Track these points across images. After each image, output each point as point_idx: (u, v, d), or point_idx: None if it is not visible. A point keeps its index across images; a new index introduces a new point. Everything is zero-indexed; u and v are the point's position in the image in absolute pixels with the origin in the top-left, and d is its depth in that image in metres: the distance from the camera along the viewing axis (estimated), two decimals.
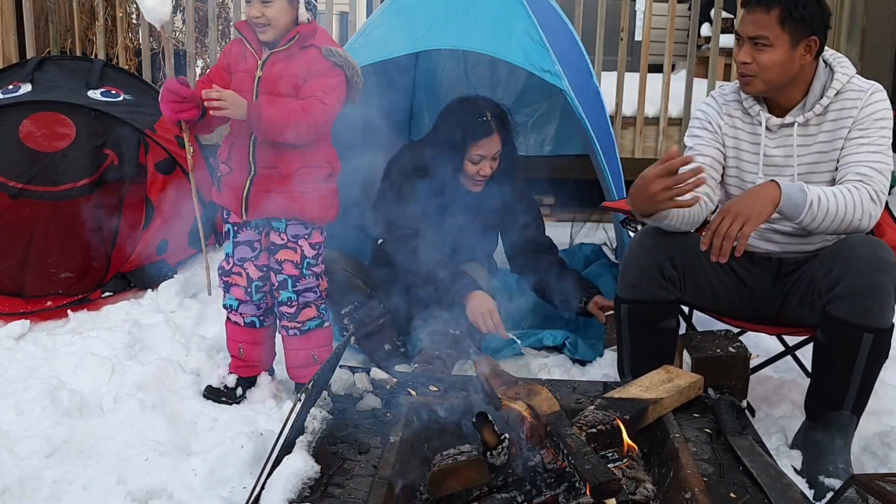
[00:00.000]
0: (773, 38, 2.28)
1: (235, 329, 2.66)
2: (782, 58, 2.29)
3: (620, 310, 2.46)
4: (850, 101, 2.34)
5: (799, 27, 2.27)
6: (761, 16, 2.28)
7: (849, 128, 2.33)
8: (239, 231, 2.58)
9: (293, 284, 2.55)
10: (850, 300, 2.16)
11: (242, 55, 2.48)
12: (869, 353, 2.17)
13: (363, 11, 7.02)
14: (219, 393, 2.61)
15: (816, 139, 2.37)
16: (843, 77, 2.34)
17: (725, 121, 2.47)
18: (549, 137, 4.13)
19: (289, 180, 2.46)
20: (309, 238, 2.55)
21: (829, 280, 2.21)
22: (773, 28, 2.27)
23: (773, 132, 2.40)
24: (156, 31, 5.34)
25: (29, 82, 3.62)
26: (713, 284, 2.45)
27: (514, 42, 3.02)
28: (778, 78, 2.32)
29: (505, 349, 3.05)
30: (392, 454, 1.86)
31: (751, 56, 2.31)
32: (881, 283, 2.15)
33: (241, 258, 2.59)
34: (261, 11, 2.39)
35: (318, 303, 2.60)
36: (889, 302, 2.17)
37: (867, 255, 2.18)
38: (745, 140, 2.45)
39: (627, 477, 1.88)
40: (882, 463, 2.36)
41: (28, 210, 3.32)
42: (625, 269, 2.45)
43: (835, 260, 2.22)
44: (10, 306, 3.29)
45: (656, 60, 4.91)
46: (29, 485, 2.10)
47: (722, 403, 2.13)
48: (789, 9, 2.26)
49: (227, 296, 2.64)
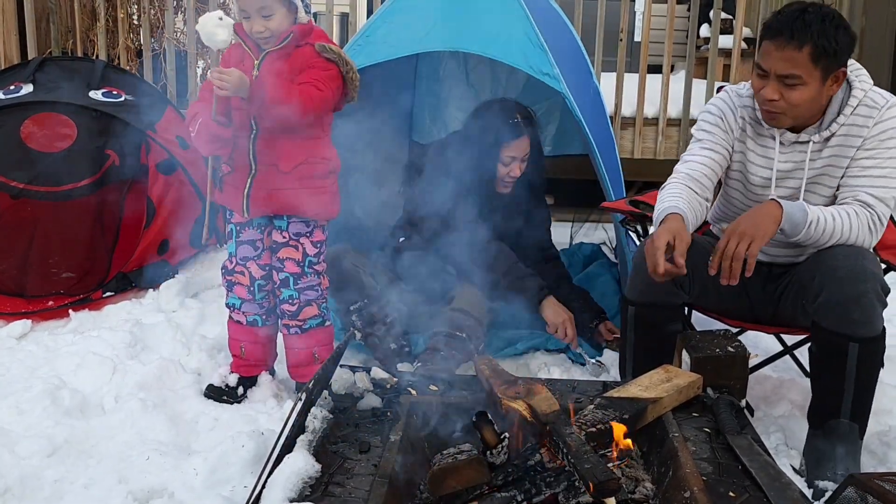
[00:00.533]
0: (806, 76, 2.16)
1: (237, 328, 2.67)
2: (813, 94, 2.20)
3: (628, 311, 2.45)
4: (861, 117, 2.26)
5: (831, 61, 2.17)
6: (793, 53, 2.15)
7: (858, 146, 2.26)
8: (241, 231, 2.59)
9: (295, 282, 2.55)
10: (833, 311, 2.16)
11: (240, 58, 2.49)
12: (858, 361, 2.16)
13: (363, 12, 7.03)
14: (220, 392, 2.61)
15: (825, 154, 2.32)
16: (859, 93, 2.26)
17: (739, 122, 2.41)
18: (549, 137, 4.13)
19: (290, 177, 2.47)
20: (310, 236, 2.56)
21: (813, 289, 2.21)
22: (806, 66, 2.15)
23: (786, 146, 2.35)
24: (157, 31, 5.37)
25: (30, 83, 3.62)
26: (719, 288, 2.43)
27: (514, 44, 3.03)
28: (807, 113, 2.25)
29: (505, 349, 3.06)
30: (392, 453, 1.87)
31: (779, 93, 2.20)
32: (863, 292, 2.14)
33: (244, 257, 2.60)
34: (264, 26, 2.40)
35: (319, 301, 2.61)
36: (874, 310, 2.15)
37: (849, 265, 2.17)
38: (755, 150, 2.39)
39: (627, 476, 1.89)
40: (881, 463, 2.36)
41: (29, 210, 3.33)
42: (636, 271, 2.41)
43: (817, 269, 2.22)
44: (11, 306, 3.29)
45: (655, 61, 4.92)
46: (30, 484, 2.10)
47: (721, 403, 2.14)
48: (823, 45, 2.13)
49: (230, 295, 2.65)
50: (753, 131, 2.40)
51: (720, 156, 2.42)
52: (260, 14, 2.39)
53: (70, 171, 3.36)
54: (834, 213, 2.21)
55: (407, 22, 3.14)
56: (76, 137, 3.40)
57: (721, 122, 2.43)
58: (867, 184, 2.25)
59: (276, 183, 2.47)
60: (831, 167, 2.32)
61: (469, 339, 2.87)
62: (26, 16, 4.95)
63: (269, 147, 2.46)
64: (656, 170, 4.61)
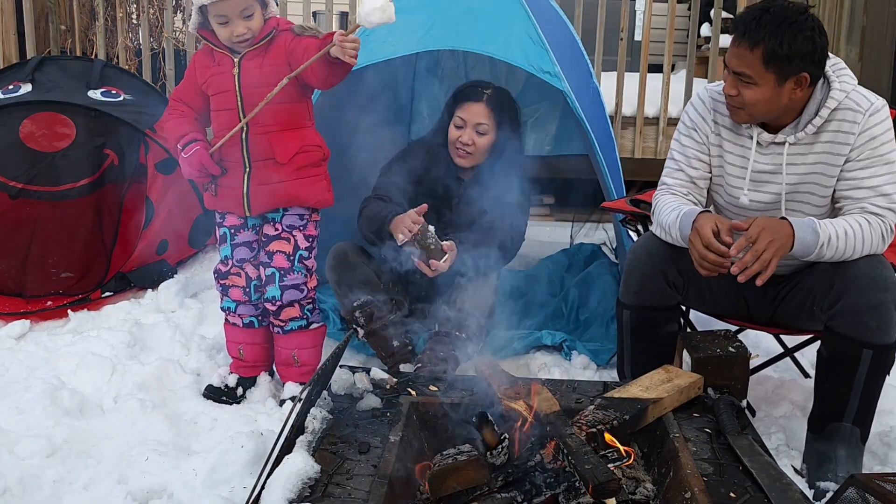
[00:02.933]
0: (757, 77, 2.15)
1: (234, 330, 2.66)
2: (767, 95, 2.17)
3: (623, 315, 2.44)
4: (847, 122, 2.21)
5: (785, 66, 2.12)
6: (745, 52, 2.14)
7: (846, 155, 2.22)
8: (237, 233, 2.59)
9: (280, 279, 2.53)
10: (850, 318, 2.15)
11: (210, 61, 2.49)
12: (869, 367, 2.15)
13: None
14: (219, 392, 2.61)
15: (807, 158, 2.28)
16: (839, 94, 2.21)
17: (711, 127, 2.39)
18: (549, 137, 4.13)
19: (287, 168, 2.48)
20: (304, 229, 2.55)
21: (830, 296, 2.19)
22: (756, 67, 2.13)
23: (763, 147, 2.32)
24: (156, 30, 5.36)
25: (29, 82, 3.62)
26: (713, 289, 2.44)
27: (514, 43, 3.02)
28: (765, 112, 2.23)
29: (505, 349, 3.05)
30: (392, 454, 1.86)
31: (736, 89, 2.20)
32: (882, 301, 2.13)
33: (241, 259, 2.60)
34: (245, 27, 2.39)
35: (303, 303, 2.58)
36: (891, 319, 2.14)
37: (868, 273, 2.16)
38: (732, 151, 2.37)
39: (627, 477, 1.88)
40: (882, 463, 2.37)
41: (28, 210, 3.33)
42: (629, 275, 2.41)
43: (835, 275, 2.19)
44: (10, 306, 3.29)
45: (656, 60, 4.92)
46: (29, 484, 2.10)
47: (722, 403, 2.13)
48: (774, 49, 2.10)
49: (225, 298, 2.65)
50: (731, 132, 2.38)
51: (700, 172, 2.41)
52: (241, 16, 2.37)
53: (69, 170, 3.36)
54: (847, 228, 2.16)
55: (406, 21, 3.12)
56: (75, 137, 3.40)
57: (695, 132, 2.41)
58: (870, 195, 2.22)
59: (275, 176, 2.47)
60: (819, 175, 2.28)
61: (469, 338, 2.86)
62: (25, 15, 4.94)
63: (262, 142, 2.46)
64: (657, 169, 4.57)
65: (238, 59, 2.44)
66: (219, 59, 2.47)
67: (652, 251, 2.38)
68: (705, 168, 2.42)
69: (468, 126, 2.98)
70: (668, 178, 2.46)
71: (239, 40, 2.40)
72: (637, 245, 2.46)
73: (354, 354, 3.01)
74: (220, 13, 2.37)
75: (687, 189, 2.42)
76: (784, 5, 2.16)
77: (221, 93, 2.47)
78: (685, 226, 2.25)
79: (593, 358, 3.02)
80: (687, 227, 2.23)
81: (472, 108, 2.99)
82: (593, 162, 3.14)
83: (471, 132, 2.99)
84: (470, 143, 2.99)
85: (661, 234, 2.37)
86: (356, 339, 2.97)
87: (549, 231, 4.43)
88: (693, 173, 2.41)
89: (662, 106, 4.79)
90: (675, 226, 2.29)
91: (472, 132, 2.99)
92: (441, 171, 3.04)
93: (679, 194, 2.41)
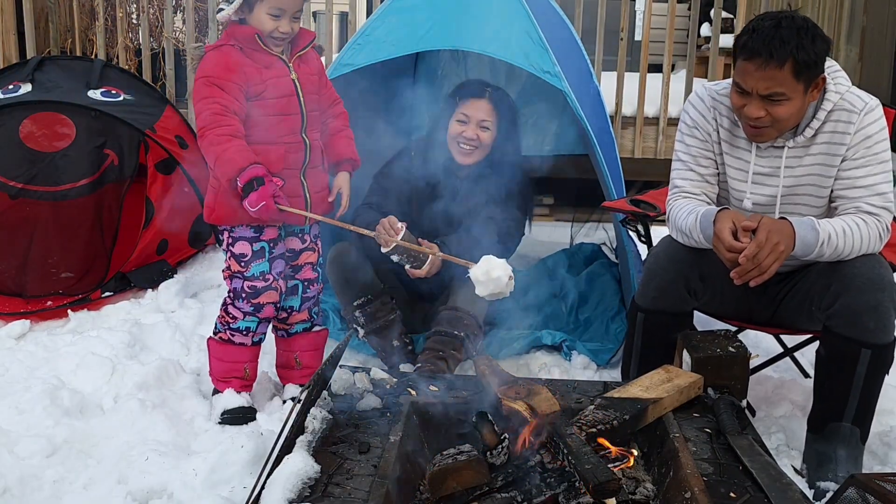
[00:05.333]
0: (790, 92, 2.14)
1: (241, 351, 2.51)
2: (798, 106, 2.17)
3: (637, 317, 2.42)
4: (842, 122, 2.23)
5: (812, 73, 2.14)
6: (774, 72, 2.11)
7: (842, 155, 2.24)
8: (274, 247, 2.48)
9: (304, 290, 2.56)
10: (848, 318, 2.15)
11: (254, 63, 2.36)
12: (868, 367, 2.16)
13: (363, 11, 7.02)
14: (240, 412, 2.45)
15: (805, 160, 2.29)
16: (834, 96, 2.23)
17: (712, 125, 2.39)
18: (549, 137, 4.13)
19: (326, 174, 2.54)
20: (320, 236, 2.60)
21: (828, 296, 2.20)
22: (789, 82, 2.13)
23: (762, 150, 2.33)
24: (155, 30, 5.36)
25: (29, 82, 3.62)
26: (724, 291, 2.42)
27: (514, 42, 3.02)
28: (794, 124, 2.24)
29: (505, 349, 3.05)
30: (392, 454, 1.86)
31: (764, 110, 2.17)
32: (881, 300, 2.14)
33: (279, 272, 2.49)
34: (290, 27, 2.37)
35: (310, 305, 2.60)
36: (889, 319, 2.15)
37: (866, 273, 2.16)
38: (731, 153, 2.38)
39: (627, 477, 1.88)
40: (882, 463, 2.37)
41: (28, 210, 3.32)
42: (649, 278, 2.38)
43: (833, 276, 2.20)
44: (10, 306, 3.28)
45: (656, 60, 4.92)
46: (29, 484, 2.10)
47: (722, 403, 2.13)
48: (803, 59, 2.10)
49: (250, 317, 2.46)
50: (729, 133, 2.38)
51: (708, 169, 2.41)
52: (293, 16, 2.37)
53: (69, 170, 3.36)
54: (845, 227, 2.18)
55: (406, 21, 3.13)
56: (75, 137, 3.39)
57: (697, 131, 2.41)
58: (865, 194, 2.23)
59: (322, 182, 2.53)
60: (817, 176, 2.29)
61: (468, 338, 2.86)
62: (25, 15, 4.94)
63: (316, 149, 2.50)
64: (657, 169, 4.61)
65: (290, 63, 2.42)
66: (266, 62, 2.37)
67: (674, 256, 2.36)
68: (713, 165, 2.42)
69: (472, 122, 3.00)
70: (679, 179, 2.43)
71: (282, 37, 2.36)
72: (658, 249, 2.43)
73: (354, 354, 3.01)
74: (280, 6, 2.32)
75: (700, 189, 2.40)
76: (784, 15, 2.16)
77: (282, 97, 2.38)
78: (706, 226, 2.24)
79: (593, 358, 3.02)
80: (708, 227, 2.22)
81: (476, 104, 3.01)
82: (593, 162, 3.14)
83: (474, 128, 3.00)
84: (474, 137, 3.00)
85: (681, 239, 2.36)
86: (356, 339, 2.97)
87: (549, 231, 4.42)
88: (703, 171, 2.41)
89: (662, 106, 4.79)
90: (695, 228, 2.28)
91: (475, 128, 3.00)
92: (439, 169, 3.04)
93: (692, 195, 2.39)
